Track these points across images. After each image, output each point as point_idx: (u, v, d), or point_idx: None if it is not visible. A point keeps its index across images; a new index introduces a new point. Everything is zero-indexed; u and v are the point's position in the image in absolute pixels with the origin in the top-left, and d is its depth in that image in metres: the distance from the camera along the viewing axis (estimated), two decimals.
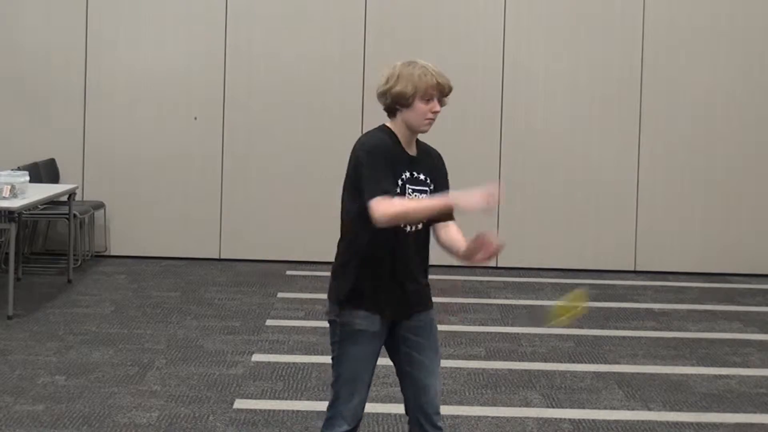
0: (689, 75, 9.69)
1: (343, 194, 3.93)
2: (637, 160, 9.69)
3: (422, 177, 3.91)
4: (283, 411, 5.57)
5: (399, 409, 4.89)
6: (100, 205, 9.66)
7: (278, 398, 5.79)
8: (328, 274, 3.91)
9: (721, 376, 6.43)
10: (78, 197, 9.18)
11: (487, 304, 8.18)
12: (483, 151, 9.66)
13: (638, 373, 6.43)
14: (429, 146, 4.05)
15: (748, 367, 6.68)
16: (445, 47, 9.59)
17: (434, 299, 4.06)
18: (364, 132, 4.05)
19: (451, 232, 3.98)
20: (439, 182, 3.95)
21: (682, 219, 9.72)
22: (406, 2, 9.70)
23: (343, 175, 3.98)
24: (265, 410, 5.57)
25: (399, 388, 5.93)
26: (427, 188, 3.92)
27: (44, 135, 9.71)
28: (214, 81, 9.72)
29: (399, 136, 3.91)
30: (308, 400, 5.76)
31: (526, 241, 9.69)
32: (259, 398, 5.78)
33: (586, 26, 9.70)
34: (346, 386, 3.90)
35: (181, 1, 9.75)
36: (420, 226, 3.91)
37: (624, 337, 7.34)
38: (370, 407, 5.57)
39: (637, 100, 9.69)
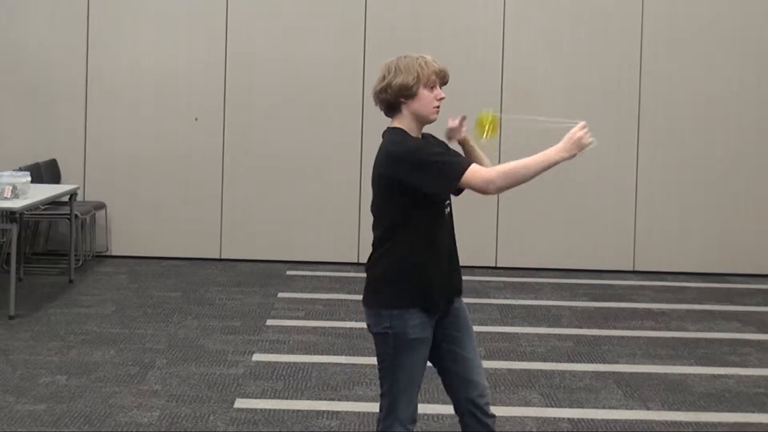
0: (688, 75, 9.72)
1: (375, 201, 3.86)
2: (635, 160, 9.71)
3: None
4: (284, 410, 5.59)
5: None
6: (101, 206, 9.69)
7: (279, 398, 5.81)
8: (328, 274, 3.91)
9: (719, 376, 6.46)
10: (79, 198, 9.21)
11: (486, 304, 8.20)
12: (482, 151, 9.66)
13: (637, 373, 6.45)
14: (425, 134, 3.99)
15: (747, 366, 6.70)
16: (445, 47, 9.60)
17: None
18: (363, 132, 4.07)
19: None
20: None
21: (680, 219, 9.75)
22: (406, 3, 9.73)
23: (343, 175, 3.99)
24: (265, 410, 5.59)
25: None
26: None
27: (46, 136, 9.74)
28: (214, 82, 9.75)
29: (409, 133, 3.85)
30: (308, 399, 5.78)
31: (526, 241, 9.71)
32: (260, 398, 5.80)
33: (585, 26, 9.72)
34: (405, 395, 3.83)
35: (182, 2, 9.77)
36: (449, 209, 3.91)
37: (623, 337, 7.36)
38: (369, 406, 5.62)
39: (636, 100, 9.71)
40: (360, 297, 3.97)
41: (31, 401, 5.62)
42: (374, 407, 5.59)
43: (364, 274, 3.98)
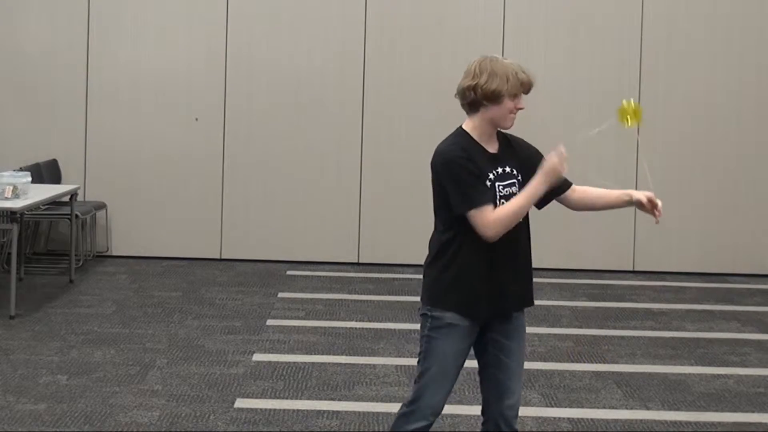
0: (688, 75, 9.72)
1: (434, 198, 3.90)
2: (635, 160, 9.71)
3: (508, 169, 3.88)
4: (284, 410, 5.59)
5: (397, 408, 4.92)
6: (101, 206, 9.70)
7: (279, 398, 5.81)
8: (328, 274, 3.91)
9: (719, 376, 6.46)
10: (80, 198, 9.21)
11: None
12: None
13: (637, 373, 6.46)
14: (509, 135, 3.99)
15: (746, 366, 6.71)
16: (445, 47, 9.62)
17: None
18: (363, 132, 4.07)
19: (587, 191, 4.07)
20: (527, 169, 3.89)
21: (680, 219, 9.75)
22: (406, 2, 9.73)
23: (343, 175, 4.00)
24: (265, 410, 5.60)
25: (397, 388, 5.97)
26: (515, 179, 3.88)
27: (46, 136, 9.74)
28: (215, 82, 9.75)
29: (478, 135, 3.87)
30: (309, 399, 5.79)
31: None
32: (260, 398, 5.81)
33: (585, 27, 9.73)
34: (434, 381, 3.85)
35: (182, 3, 9.78)
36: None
37: (623, 337, 7.36)
38: (369, 406, 5.62)
39: (636, 100, 9.70)
40: (360, 297, 4.00)
41: (32, 401, 5.63)
42: (374, 407, 5.61)
43: (364, 274, 4.01)
